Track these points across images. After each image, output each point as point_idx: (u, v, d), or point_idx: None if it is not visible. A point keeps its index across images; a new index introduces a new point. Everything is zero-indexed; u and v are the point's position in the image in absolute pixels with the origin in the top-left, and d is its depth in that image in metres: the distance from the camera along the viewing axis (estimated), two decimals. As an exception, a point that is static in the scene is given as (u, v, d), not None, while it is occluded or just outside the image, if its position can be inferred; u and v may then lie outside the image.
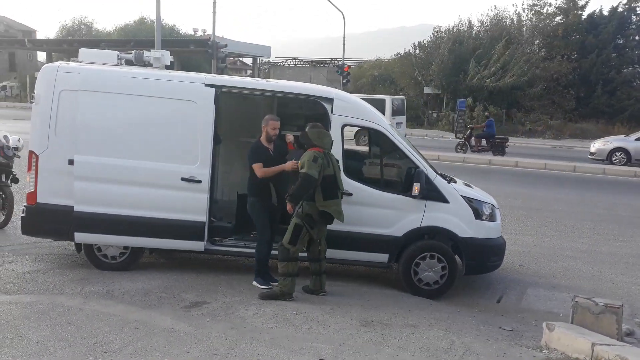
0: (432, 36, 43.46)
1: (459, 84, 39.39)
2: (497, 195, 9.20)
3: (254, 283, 7.01)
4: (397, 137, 7.59)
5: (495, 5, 45.77)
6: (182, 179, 7.03)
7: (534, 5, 42.34)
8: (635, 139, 23.19)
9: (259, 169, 6.82)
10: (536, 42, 41.69)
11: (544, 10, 42.24)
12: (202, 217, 7.15)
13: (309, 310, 6.22)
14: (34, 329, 5.47)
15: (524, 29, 42.34)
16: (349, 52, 42.30)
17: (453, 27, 43.11)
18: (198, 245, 7.25)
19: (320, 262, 6.80)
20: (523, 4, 44.40)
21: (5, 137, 9.67)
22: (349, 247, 7.26)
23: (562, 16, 41.63)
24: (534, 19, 42.40)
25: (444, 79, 39.70)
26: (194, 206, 7.12)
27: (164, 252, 8.05)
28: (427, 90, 41.86)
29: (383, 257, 7.39)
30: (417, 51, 43.60)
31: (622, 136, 25.07)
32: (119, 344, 5.21)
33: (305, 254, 6.81)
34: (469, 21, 43.63)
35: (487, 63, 38.45)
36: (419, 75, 41.40)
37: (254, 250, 7.15)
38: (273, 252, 6.93)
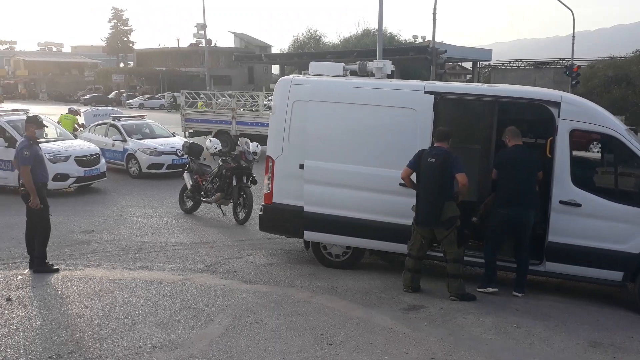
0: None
1: None
2: None
3: (514, 293, 6.91)
4: (634, 144, 6.90)
5: None
6: (400, 184, 7.20)
7: None
8: None
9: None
10: None
11: None
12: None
13: (531, 325, 5.98)
14: (269, 316, 6.07)
15: None
16: (581, 51, 39.27)
17: None
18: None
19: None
20: None
21: (247, 143, 10.86)
22: (578, 262, 6.78)
23: None
24: None
25: (695, 77, 34.83)
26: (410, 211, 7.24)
27: (382, 254, 8.33)
28: (673, 90, 37.07)
29: (616, 275, 6.76)
30: (662, 47, 38.90)
31: None
32: (343, 338, 5.54)
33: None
34: None
35: None
36: (664, 74, 36.85)
37: (471, 259, 7.04)
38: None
